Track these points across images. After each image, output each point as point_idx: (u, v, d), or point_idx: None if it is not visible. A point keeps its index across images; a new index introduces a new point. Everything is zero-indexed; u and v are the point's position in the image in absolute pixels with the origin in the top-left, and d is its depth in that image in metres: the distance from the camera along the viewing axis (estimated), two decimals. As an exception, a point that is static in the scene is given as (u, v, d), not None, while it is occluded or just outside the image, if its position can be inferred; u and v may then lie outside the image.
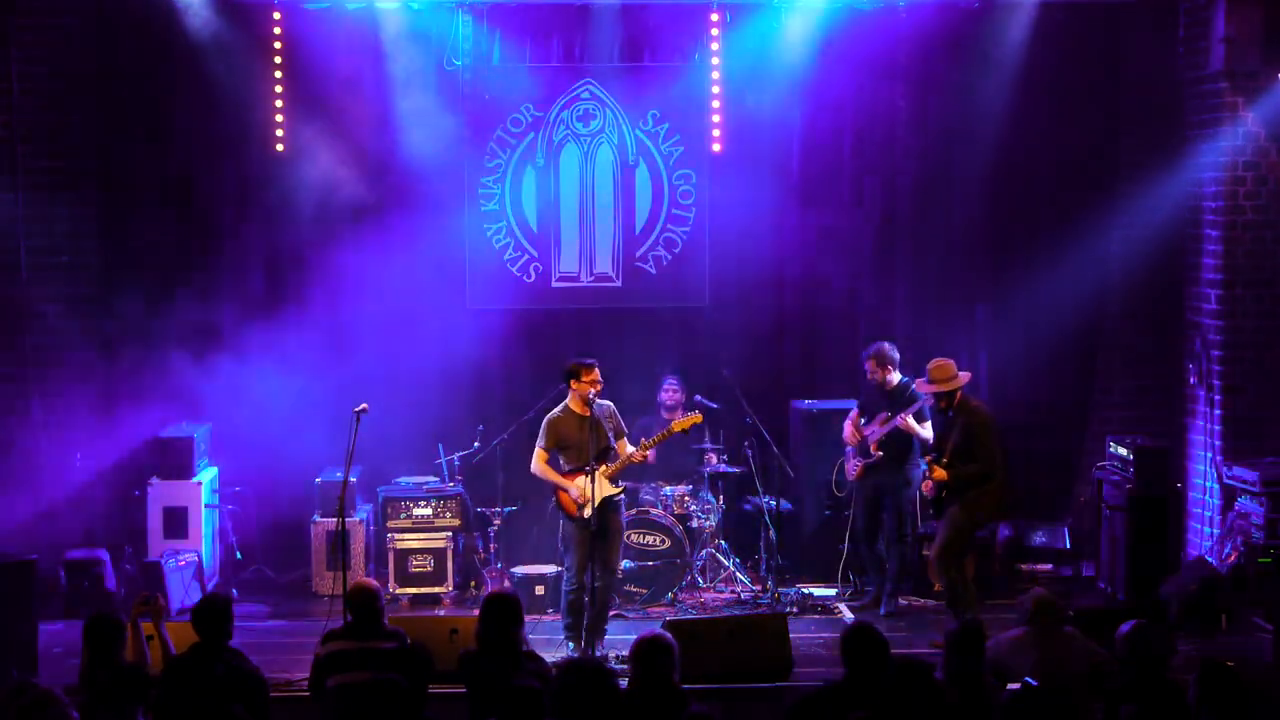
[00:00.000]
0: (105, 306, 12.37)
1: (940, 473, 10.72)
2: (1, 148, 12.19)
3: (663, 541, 11.72)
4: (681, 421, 10.89)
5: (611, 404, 10.72)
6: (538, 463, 10.62)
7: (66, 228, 12.35)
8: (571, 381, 10.55)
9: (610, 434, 10.61)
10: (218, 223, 12.77)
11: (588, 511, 10.42)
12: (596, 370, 10.58)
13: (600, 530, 10.42)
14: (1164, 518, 11.77)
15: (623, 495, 10.80)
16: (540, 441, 10.62)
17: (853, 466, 11.71)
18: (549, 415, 10.67)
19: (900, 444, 11.62)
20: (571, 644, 10.46)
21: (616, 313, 13.13)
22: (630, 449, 10.66)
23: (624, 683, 7.59)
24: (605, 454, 10.59)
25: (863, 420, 11.68)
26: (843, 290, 13.14)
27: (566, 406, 10.63)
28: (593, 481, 10.37)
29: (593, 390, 10.49)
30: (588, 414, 10.55)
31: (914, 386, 11.53)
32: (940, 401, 10.87)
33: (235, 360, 12.64)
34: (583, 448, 10.53)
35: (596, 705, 6.67)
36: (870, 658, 7.26)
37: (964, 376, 10.87)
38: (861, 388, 11.94)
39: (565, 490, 10.54)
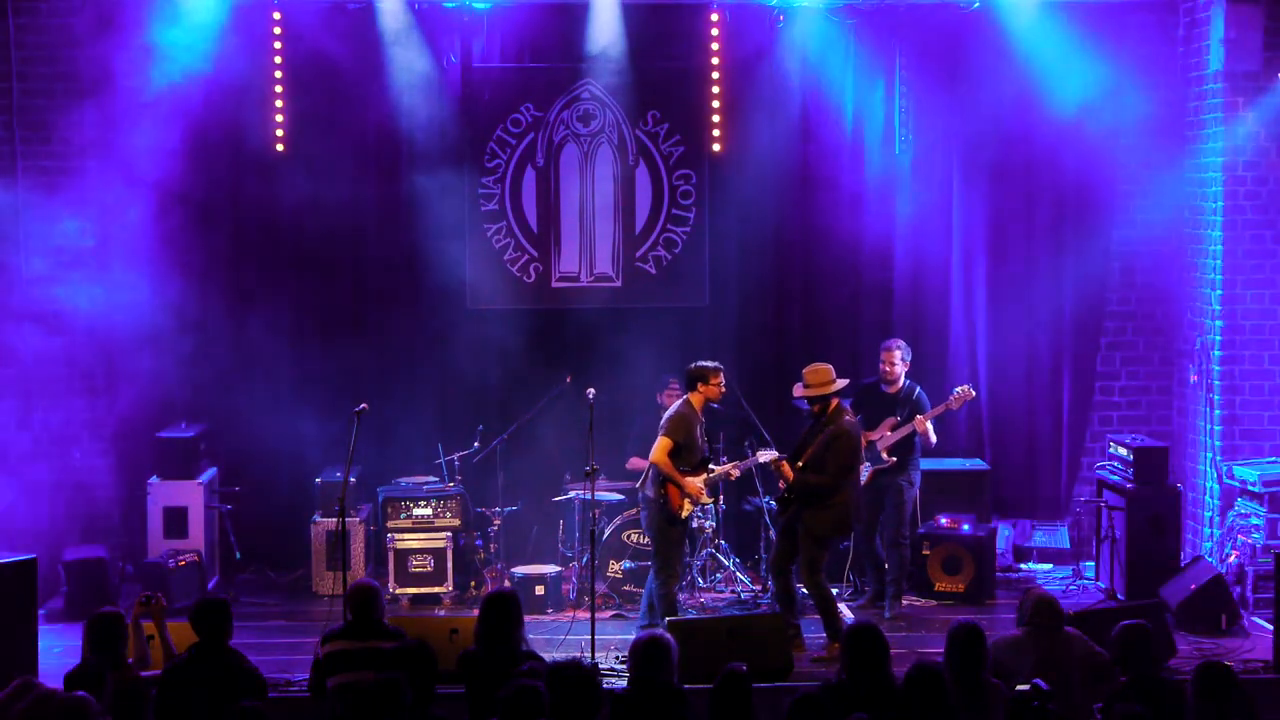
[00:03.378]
0: (105, 306, 12.36)
1: (787, 471, 10.59)
2: (1, 148, 12.19)
3: (663, 541, 11.71)
4: (766, 455, 11.02)
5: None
6: (662, 453, 10.61)
7: (66, 227, 12.34)
8: (700, 385, 10.73)
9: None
10: (218, 222, 12.77)
11: (685, 512, 10.67)
12: (722, 375, 10.77)
13: (688, 532, 10.95)
14: (1163, 518, 11.77)
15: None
16: (671, 434, 10.64)
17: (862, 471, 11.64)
18: (678, 412, 10.72)
19: (904, 448, 11.64)
20: None
21: (616, 313, 13.12)
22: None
23: (624, 683, 7.62)
24: (707, 461, 10.83)
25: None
26: (842, 290, 13.13)
27: (690, 405, 10.74)
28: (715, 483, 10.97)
29: (719, 395, 10.79)
30: (699, 419, 10.75)
31: (919, 390, 11.65)
32: (814, 406, 10.71)
33: (235, 360, 12.65)
34: (696, 450, 10.71)
35: (585, 708, 6.70)
36: (872, 658, 7.30)
37: (840, 383, 10.67)
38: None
39: (680, 487, 10.62)
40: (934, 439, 11.74)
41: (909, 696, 6.90)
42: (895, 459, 11.57)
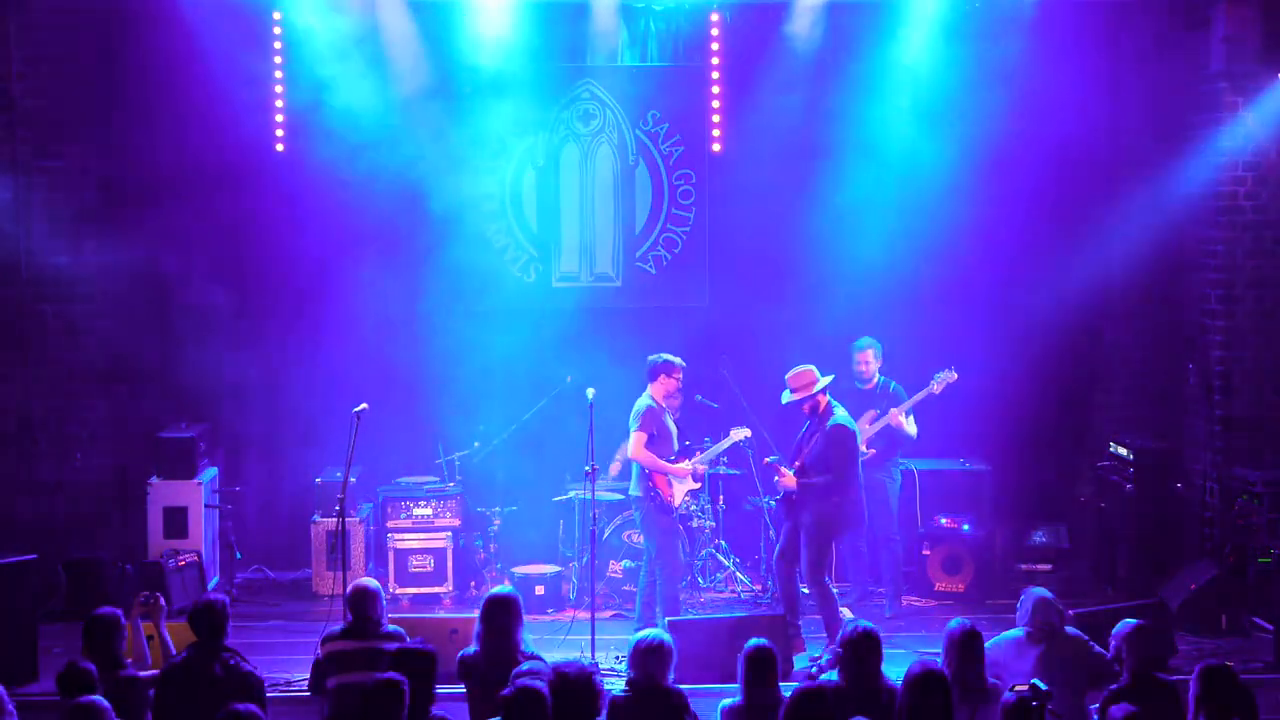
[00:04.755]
0: (105, 306, 12.37)
1: (789, 479, 10.55)
2: (1, 147, 12.20)
3: (663, 541, 11.71)
4: (738, 431, 11.20)
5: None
6: (639, 447, 10.66)
7: (67, 227, 12.35)
8: (662, 375, 10.79)
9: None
10: (218, 222, 12.77)
11: (678, 500, 10.74)
12: (682, 372, 10.85)
13: (689, 531, 10.98)
14: (1164, 518, 11.77)
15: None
16: (643, 427, 10.69)
17: None
18: (644, 404, 10.77)
19: (884, 442, 11.65)
20: None
21: (616, 313, 13.14)
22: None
23: (623, 683, 7.62)
24: (686, 448, 10.92)
25: None
26: (842, 290, 13.12)
27: (653, 398, 10.79)
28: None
29: (677, 389, 10.86)
30: (665, 408, 10.83)
31: (894, 384, 11.76)
32: (804, 407, 10.68)
33: (235, 360, 12.66)
34: (667, 440, 10.76)
35: (587, 708, 6.71)
36: (867, 661, 7.32)
37: (824, 380, 10.63)
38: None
39: (668, 476, 10.66)
40: (914, 431, 11.71)
41: (911, 698, 6.90)
42: (874, 451, 11.58)
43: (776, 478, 10.65)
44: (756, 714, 7.23)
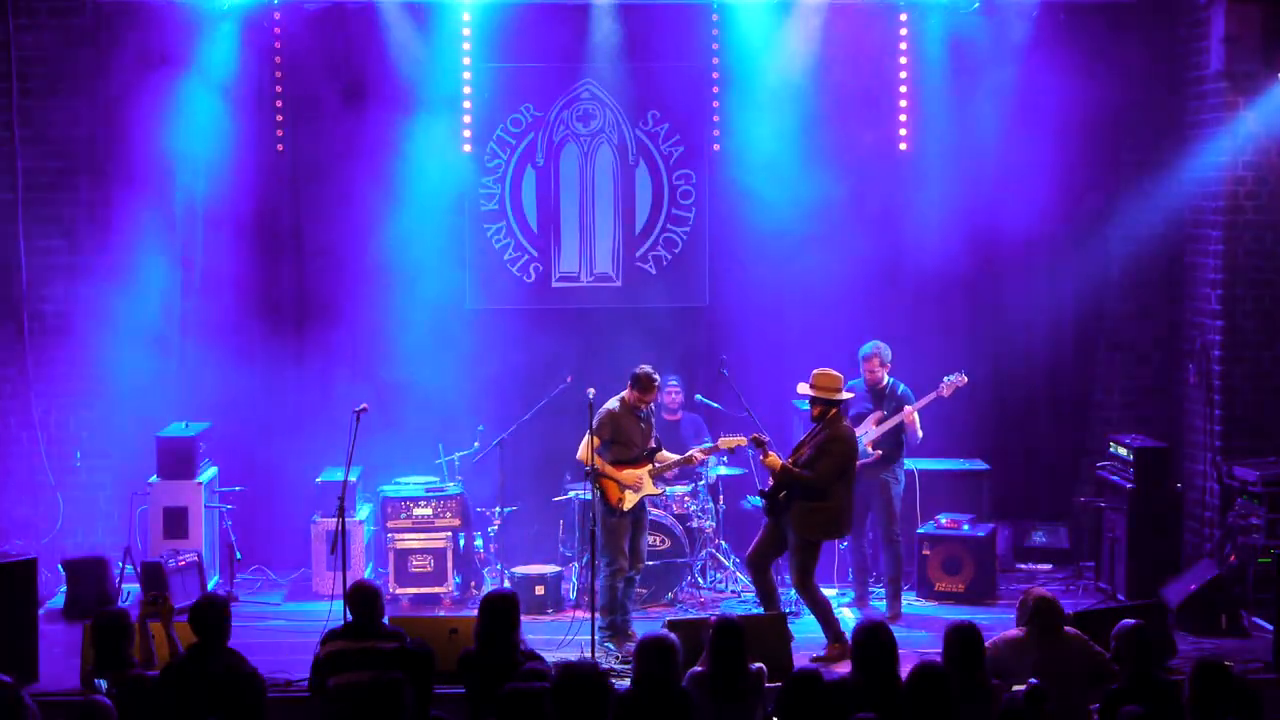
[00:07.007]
0: (105, 306, 12.36)
1: (773, 460, 10.54)
2: (1, 148, 12.19)
3: (663, 541, 11.71)
4: (729, 440, 11.15)
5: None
6: (588, 450, 10.67)
7: (67, 227, 12.34)
8: (631, 387, 10.82)
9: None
10: (218, 222, 12.77)
11: (627, 505, 10.67)
12: (656, 390, 10.86)
13: (636, 523, 10.83)
14: (1164, 518, 11.77)
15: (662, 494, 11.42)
16: (596, 431, 10.68)
17: None
18: (607, 407, 10.80)
19: (890, 443, 11.65)
20: (613, 644, 10.55)
21: (616, 313, 13.13)
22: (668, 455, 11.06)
23: (625, 683, 7.63)
24: (651, 454, 10.87)
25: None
26: (842, 290, 13.13)
27: (624, 402, 10.80)
28: (648, 476, 10.89)
29: (642, 407, 10.85)
30: (639, 412, 10.85)
31: (902, 386, 11.69)
32: (814, 409, 10.69)
33: (235, 360, 12.65)
34: (631, 445, 10.77)
35: (593, 710, 6.69)
36: (880, 657, 7.32)
37: (845, 395, 10.62)
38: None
39: (614, 480, 10.65)
40: (920, 434, 11.70)
41: (913, 697, 6.90)
42: (880, 452, 11.58)
43: (762, 456, 10.64)
44: (717, 682, 7.48)
